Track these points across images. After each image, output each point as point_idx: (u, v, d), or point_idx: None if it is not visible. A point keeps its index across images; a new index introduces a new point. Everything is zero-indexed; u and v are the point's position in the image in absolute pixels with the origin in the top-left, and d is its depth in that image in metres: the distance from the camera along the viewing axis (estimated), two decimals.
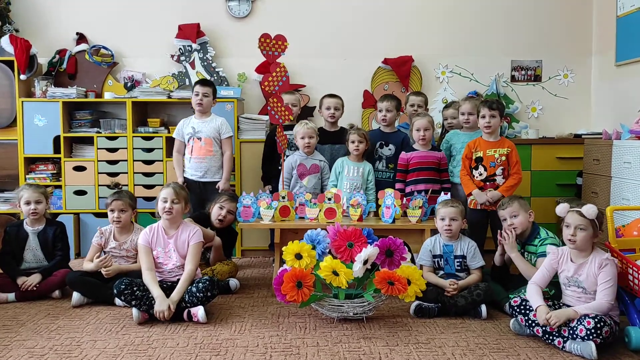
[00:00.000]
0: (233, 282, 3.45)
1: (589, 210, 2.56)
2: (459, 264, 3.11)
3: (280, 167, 3.84)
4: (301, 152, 3.86)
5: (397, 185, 3.70)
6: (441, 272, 3.13)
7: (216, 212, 3.62)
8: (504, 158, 3.48)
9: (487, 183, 3.51)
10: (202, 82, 4.03)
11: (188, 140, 3.97)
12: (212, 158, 3.94)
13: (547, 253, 2.79)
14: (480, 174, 3.52)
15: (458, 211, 3.12)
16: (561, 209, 2.65)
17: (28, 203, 3.38)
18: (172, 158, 4.08)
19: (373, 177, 3.79)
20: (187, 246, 3.09)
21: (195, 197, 3.88)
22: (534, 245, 3.07)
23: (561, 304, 2.68)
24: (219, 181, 3.98)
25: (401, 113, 4.15)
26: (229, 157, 4.01)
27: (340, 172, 3.77)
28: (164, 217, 3.11)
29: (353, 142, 3.73)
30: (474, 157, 3.54)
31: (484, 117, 3.49)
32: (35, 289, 3.26)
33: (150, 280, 2.96)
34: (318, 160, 3.90)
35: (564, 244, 2.74)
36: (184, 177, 3.98)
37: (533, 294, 2.65)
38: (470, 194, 3.51)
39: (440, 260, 3.14)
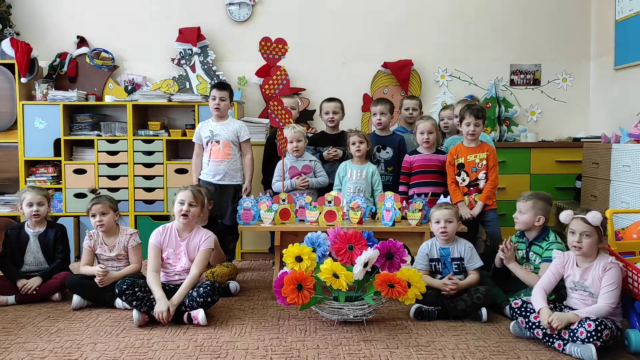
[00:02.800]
0: (233, 285, 3.46)
1: (594, 217, 2.56)
2: (456, 266, 3.11)
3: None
4: (291, 156, 3.87)
5: (401, 188, 3.71)
6: (439, 276, 3.13)
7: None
8: (484, 162, 3.51)
9: (471, 188, 3.54)
10: (219, 85, 3.99)
11: (206, 144, 3.96)
12: (229, 161, 3.93)
13: (553, 257, 2.79)
14: (464, 180, 3.54)
15: (453, 213, 3.12)
16: (565, 216, 2.65)
17: (30, 205, 3.38)
18: (192, 162, 4.08)
19: (379, 178, 3.77)
20: (197, 250, 3.10)
21: (210, 199, 3.88)
22: (540, 246, 3.05)
23: (562, 306, 2.68)
24: (236, 184, 3.97)
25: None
26: (250, 160, 4.01)
27: (344, 177, 3.78)
28: (180, 220, 3.09)
29: (354, 143, 3.73)
30: (456, 164, 3.56)
31: (469, 124, 3.51)
32: (35, 292, 3.26)
33: (153, 282, 2.96)
34: (308, 161, 3.91)
35: (568, 250, 2.74)
36: (200, 179, 3.98)
37: (537, 296, 2.65)
38: (455, 204, 3.51)
39: (438, 264, 3.14)
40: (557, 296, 2.78)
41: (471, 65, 4.89)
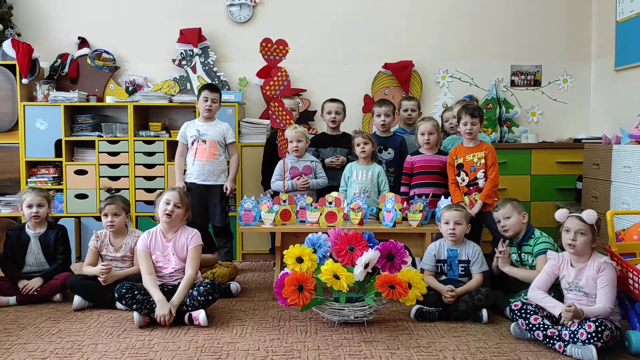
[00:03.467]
0: (234, 286, 3.46)
1: (589, 215, 2.58)
2: (462, 268, 3.11)
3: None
4: (291, 156, 3.87)
5: (402, 189, 3.71)
6: (443, 277, 3.13)
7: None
8: (483, 161, 3.51)
9: (471, 188, 3.54)
10: (211, 87, 4.01)
11: (192, 143, 3.96)
12: (215, 161, 3.94)
13: (548, 259, 2.80)
14: (463, 180, 3.55)
15: (462, 215, 3.12)
16: (560, 214, 2.67)
17: (30, 206, 3.39)
18: (174, 161, 4.06)
19: (385, 178, 3.76)
20: (186, 250, 3.09)
21: (198, 201, 3.88)
22: (529, 245, 3.09)
23: None
24: (221, 185, 3.97)
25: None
26: (236, 160, 4.04)
27: (350, 177, 3.78)
28: (164, 219, 3.09)
29: (359, 144, 3.73)
30: (455, 164, 3.56)
31: (465, 124, 3.53)
32: (36, 293, 3.27)
33: (150, 284, 2.96)
34: (309, 161, 3.90)
35: (561, 246, 2.75)
36: (186, 182, 3.97)
37: (548, 300, 2.64)
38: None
39: (444, 265, 3.14)
40: (557, 294, 2.78)
41: (472, 66, 4.89)
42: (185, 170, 4.03)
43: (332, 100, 4.15)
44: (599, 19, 4.78)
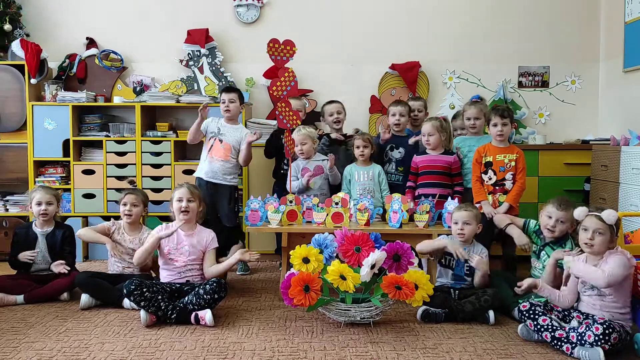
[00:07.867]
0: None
1: (610, 215, 2.54)
2: (468, 268, 3.12)
3: (287, 169, 3.85)
4: (301, 159, 3.87)
5: (408, 184, 3.72)
6: (450, 273, 3.16)
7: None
8: (513, 163, 3.48)
9: (497, 187, 3.51)
10: (227, 89, 4.03)
11: (209, 139, 3.96)
12: (226, 162, 3.92)
13: (563, 263, 2.75)
14: (490, 178, 3.52)
15: (472, 215, 3.11)
16: (579, 212, 2.63)
17: (39, 204, 3.41)
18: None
19: (385, 177, 3.78)
20: (200, 248, 3.19)
21: (205, 198, 3.88)
22: (554, 250, 3.01)
23: (571, 311, 2.67)
24: (229, 185, 3.95)
25: None
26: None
27: (351, 179, 3.78)
28: (181, 217, 3.17)
29: (358, 147, 3.75)
30: (483, 162, 3.54)
31: (495, 125, 3.50)
32: (66, 271, 3.33)
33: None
34: (321, 160, 3.90)
35: (577, 244, 2.72)
36: (196, 177, 3.97)
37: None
38: (478, 203, 3.49)
39: (452, 260, 3.14)
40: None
41: (479, 66, 4.88)
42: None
43: (330, 102, 4.18)
44: (607, 19, 4.76)
